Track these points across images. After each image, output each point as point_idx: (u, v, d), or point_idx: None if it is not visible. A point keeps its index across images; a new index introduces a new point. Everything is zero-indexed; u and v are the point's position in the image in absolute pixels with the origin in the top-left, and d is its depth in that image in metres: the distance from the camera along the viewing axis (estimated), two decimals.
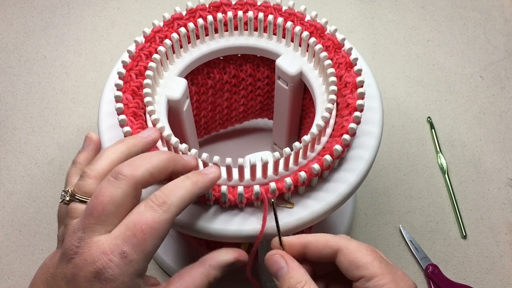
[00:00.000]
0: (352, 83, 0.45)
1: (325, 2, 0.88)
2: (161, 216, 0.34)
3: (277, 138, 0.62)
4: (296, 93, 0.53)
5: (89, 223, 0.34)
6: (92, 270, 0.32)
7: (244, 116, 0.63)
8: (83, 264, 0.32)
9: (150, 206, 0.34)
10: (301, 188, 0.42)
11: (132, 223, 0.33)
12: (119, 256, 0.32)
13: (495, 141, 0.72)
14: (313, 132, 0.42)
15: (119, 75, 0.46)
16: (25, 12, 0.87)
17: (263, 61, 0.55)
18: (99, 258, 0.32)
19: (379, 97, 0.49)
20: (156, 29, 0.49)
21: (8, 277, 0.62)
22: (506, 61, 0.81)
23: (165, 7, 0.87)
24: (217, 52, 0.52)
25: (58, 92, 0.77)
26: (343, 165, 0.44)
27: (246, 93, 0.59)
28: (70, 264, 0.33)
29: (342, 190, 0.43)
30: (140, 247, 0.33)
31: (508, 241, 0.64)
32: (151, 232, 0.33)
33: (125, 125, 0.43)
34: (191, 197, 0.36)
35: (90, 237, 0.33)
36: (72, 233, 0.34)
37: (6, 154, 0.71)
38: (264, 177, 0.42)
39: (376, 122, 0.47)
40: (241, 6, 0.51)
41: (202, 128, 0.61)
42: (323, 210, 0.42)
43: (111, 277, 0.32)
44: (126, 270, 0.32)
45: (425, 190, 0.68)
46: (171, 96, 0.48)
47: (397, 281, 0.35)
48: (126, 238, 0.33)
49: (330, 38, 0.48)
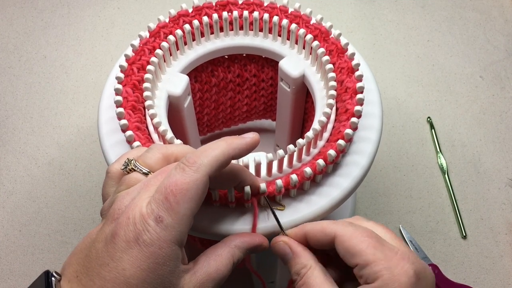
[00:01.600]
0: (352, 88, 0.44)
1: (325, 2, 0.88)
2: (191, 177, 0.32)
3: (279, 140, 0.62)
4: (298, 96, 0.53)
5: (148, 184, 0.33)
6: (133, 230, 0.31)
7: (247, 116, 0.63)
8: (125, 223, 0.32)
9: (181, 167, 0.33)
10: (293, 191, 0.42)
11: (163, 186, 0.32)
12: (155, 221, 0.31)
13: (495, 141, 0.72)
14: (308, 135, 0.41)
15: (121, 68, 0.46)
16: (25, 12, 0.87)
17: (268, 62, 0.55)
18: (139, 220, 0.31)
19: (380, 104, 0.48)
20: (162, 25, 0.49)
21: (8, 277, 0.62)
22: (506, 61, 0.81)
23: (165, 7, 0.87)
24: (222, 51, 0.52)
25: (58, 92, 0.77)
26: (338, 170, 0.44)
27: (250, 93, 0.59)
28: (113, 223, 0.32)
29: (335, 195, 0.42)
30: (174, 210, 0.32)
31: (508, 241, 0.64)
32: (182, 194, 0.32)
33: (123, 118, 0.43)
34: (225, 158, 0.34)
35: (140, 197, 0.33)
36: (126, 194, 0.34)
37: (6, 154, 0.71)
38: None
39: (375, 129, 0.46)
40: (247, 6, 0.51)
41: (205, 126, 0.61)
42: (314, 214, 0.42)
43: (149, 241, 0.31)
44: (163, 236, 0.31)
45: (425, 190, 0.68)
46: (172, 92, 0.48)
47: (392, 268, 0.34)
48: (159, 202, 0.32)
49: (334, 42, 0.48)
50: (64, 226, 0.65)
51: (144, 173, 0.35)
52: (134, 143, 0.42)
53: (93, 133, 0.73)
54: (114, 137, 0.46)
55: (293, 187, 0.41)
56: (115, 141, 0.46)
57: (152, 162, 0.36)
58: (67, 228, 0.65)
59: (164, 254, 0.31)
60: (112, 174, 0.37)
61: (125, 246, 0.31)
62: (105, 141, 0.46)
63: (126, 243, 0.31)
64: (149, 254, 0.31)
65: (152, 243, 0.31)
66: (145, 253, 0.31)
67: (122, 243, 0.31)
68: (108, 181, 0.37)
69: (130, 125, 0.43)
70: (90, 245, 0.33)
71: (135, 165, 0.36)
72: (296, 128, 0.58)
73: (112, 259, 0.31)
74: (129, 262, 0.31)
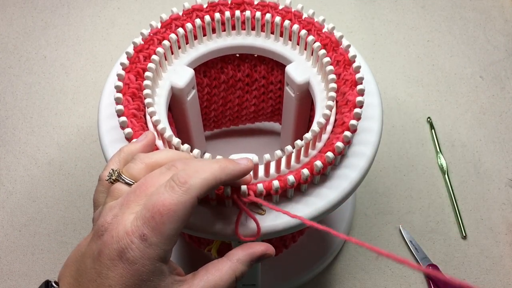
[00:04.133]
0: (353, 102, 0.44)
1: (325, 2, 0.88)
2: (180, 198, 0.32)
3: (284, 144, 0.62)
4: (303, 102, 0.52)
5: (128, 200, 0.33)
6: (116, 248, 0.32)
7: (254, 117, 0.63)
8: (109, 242, 0.32)
9: (171, 186, 0.33)
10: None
11: (151, 204, 0.32)
12: (139, 238, 0.31)
13: (495, 142, 0.72)
14: (297, 143, 0.41)
15: (127, 55, 0.46)
16: (25, 12, 0.86)
17: (278, 65, 0.55)
18: (123, 237, 0.32)
19: (378, 94, 0.48)
20: (174, 16, 0.50)
21: (8, 277, 0.62)
22: (506, 61, 0.81)
23: (165, 7, 0.86)
24: (232, 49, 0.52)
25: (58, 92, 0.77)
26: (343, 162, 0.44)
27: (258, 94, 0.59)
28: (99, 240, 0.33)
29: (333, 197, 0.42)
30: (159, 230, 0.32)
31: (508, 242, 0.64)
32: (169, 215, 0.32)
33: (120, 104, 0.43)
34: (216, 182, 0.34)
35: (123, 214, 0.33)
36: (109, 210, 0.34)
37: (6, 154, 0.71)
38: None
39: (376, 118, 0.46)
40: (262, 7, 0.51)
41: (212, 121, 0.61)
42: (310, 215, 0.41)
43: (132, 259, 0.31)
44: (146, 253, 0.32)
45: (425, 191, 0.68)
46: (175, 84, 0.48)
47: None
48: (146, 220, 0.32)
49: (343, 53, 0.47)
50: (64, 226, 0.65)
51: (128, 183, 0.36)
52: (126, 129, 0.42)
53: (93, 133, 0.73)
54: (114, 134, 0.46)
55: (275, 193, 0.40)
56: (115, 138, 0.46)
57: (135, 172, 0.36)
58: (67, 228, 0.65)
59: (148, 271, 0.32)
60: (103, 182, 0.37)
61: (110, 264, 0.32)
62: (105, 138, 0.46)
63: (110, 261, 0.32)
64: (133, 271, 0.32)
65: (135, 260, 0.32)
66: (129, 271, 0.32)
67: (107, 261, 0.32)
68: (99, 188, 0.38)
69: (126, 112, 0.43)
70: (80, 259, 0.34)
71: (119, 175, 0.36)
72: (300, 134, 0.57)
73: (99, 276, 0.32)
74: (114, 279, 0.32)
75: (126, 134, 0.42)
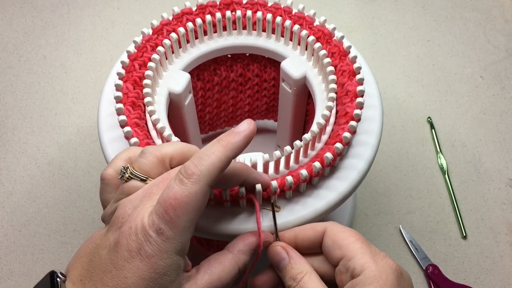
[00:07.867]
0: (353, 91, 0.44)
1: (325, 2, 0.88)
2: (190, 189, 0.32)
3: (280, 141, 0.62)
4: (300, 97, 0.52)
5: (150, 192, 0.33)
6: (135, 240, 0.32)
7: (249, 116, 0.63)
8: (128, 233, 0.32)
9: (180, 179, 0.32)
10: (288, 192, 0.41)
11: (163, 199, 0.32)
12: (156, 232, 0.31)
13: (496, 141, 0.72)
14: (306, 137, 0.41)
15: (122, 64, 0.46)
16: (25, 12, 0.86)
17: (271, 62, 0.55)
18: (141, 231, 0.32)
19: (380, 107, 0.48)
20: (165, 22, 0.50)
21: (8, 277, 0.62)
22: (506, 61, 0.81)
23: (165, 7, 0.86)
24: (225, 50, 0.52)
25: (58, 92, 0.77)
26: (335, 173, 0.43)
27: (252, 93, 0.59)
28: (117, 231, 0.32)
29: (331, 198, 0.42)
30: (174, 224, 0.32)
31: (508, 242, 0.64)
32: (182, 207, 0.32)
33: (122, 114, 0.43)
34: (223, 163, 0.34)
35: (143, 206, 0.33)
36: (128, 202, 0.34)
37: (6, 154, 0.71)
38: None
39: (374, 133, 0.46)
40: (251, 5, 0.51)
41: (207, 124, 0.61)
42: (309, 216, 0.41)
43: (150, 252, 0.31)
44: (164, 247, 0.31)
45: (425, 190, 0.68)
46: (172, 89, 0.48)
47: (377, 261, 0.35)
48: (160, 215, 0.32)
49: (337, 44, 0.48)
50: (64, 226, 0.65)
51: (142, 179, 0.35)
52: (132, 139, 0.42)
53: (93, 133, 0.73)
54: (113, 132, 0.46)
55: (288, 189, 0.41)
56: (114, 137, 0.46)
57: (147, 167, 0.35)
58: (67, 228, 0.65)
59: (165, 264, 0.32)
60: (107, 181, 0.37)
61: (127, 255, 0.32)
62: (104, 136, 0.46)
63: (128, 252, 0.32)
64: (150, 264, 0.31)
65: (153, 254, 0.31)
66: (146, 264, 0.31)
67: (125, 252, 0.32)
68: (105, 188, 0.37)
69: (129, 121, 0.43)
70: (94, 251, 0.34)
71: (132, 172, 0.35)
72: (297, 129, 0.58)
73: (115, 267, 0.32)
74: (131, 271, 0.31)
75: (133, 144, 0.41)
